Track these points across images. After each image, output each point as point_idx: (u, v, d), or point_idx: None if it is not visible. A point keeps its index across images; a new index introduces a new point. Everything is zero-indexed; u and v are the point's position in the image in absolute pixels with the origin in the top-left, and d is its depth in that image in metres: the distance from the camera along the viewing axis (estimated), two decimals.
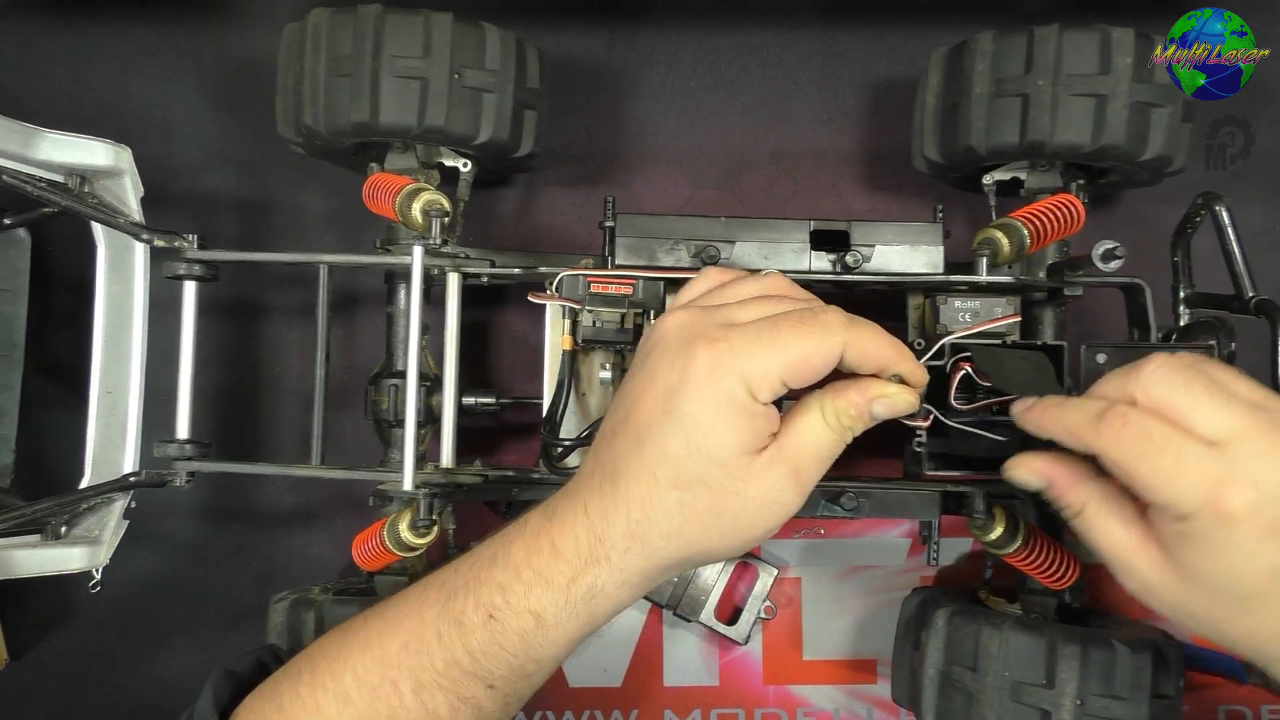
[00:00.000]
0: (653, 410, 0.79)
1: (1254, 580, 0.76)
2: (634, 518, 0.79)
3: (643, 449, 0.79)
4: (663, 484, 0.78)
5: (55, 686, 1.33)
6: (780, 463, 0.80)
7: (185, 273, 1.13)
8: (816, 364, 0.79)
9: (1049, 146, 1.08)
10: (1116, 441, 0.79)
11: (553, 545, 0.80)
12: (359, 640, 0.84)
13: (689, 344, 0.78)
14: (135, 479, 1.16)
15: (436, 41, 1.09)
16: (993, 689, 1.01)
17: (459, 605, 0.81)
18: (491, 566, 0.82)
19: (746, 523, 0.80)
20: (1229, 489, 0.74)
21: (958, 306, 1.06)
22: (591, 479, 0.82)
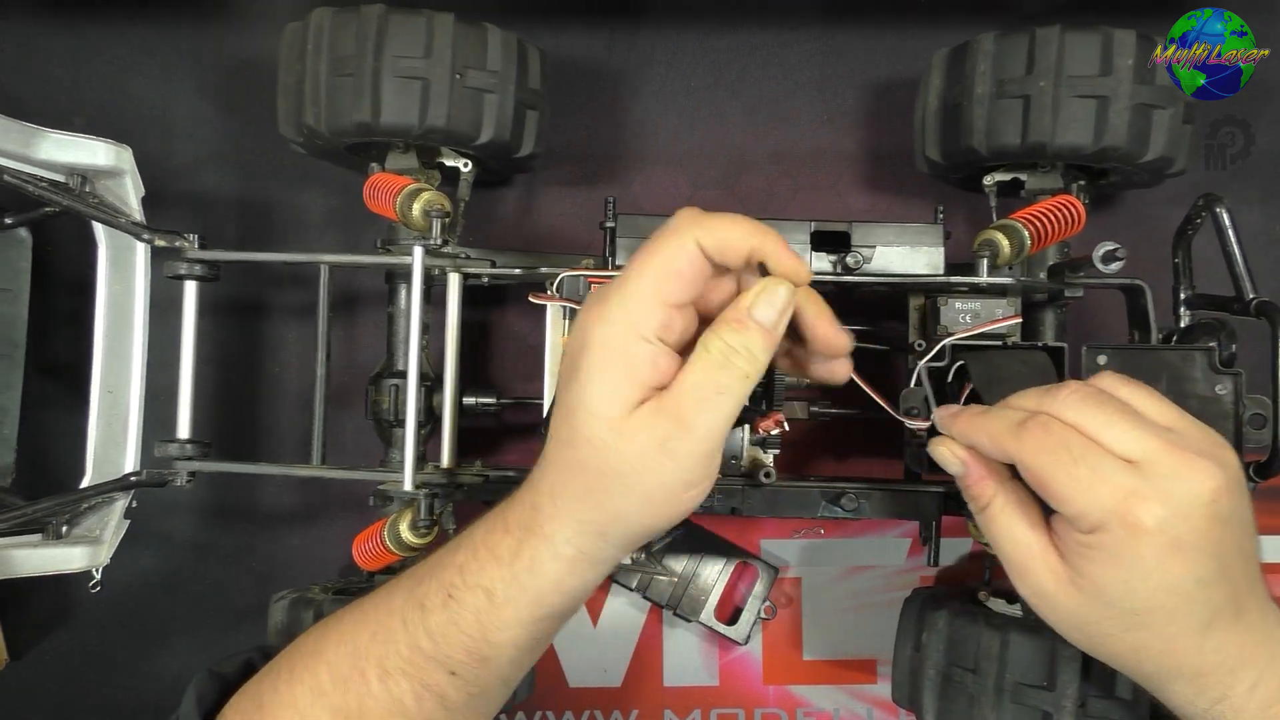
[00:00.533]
0: (567, 374, 0.77)
1: (1151, 595, 0.78)
2: (549, 482, 0.78)
3: (557, 415, 0.78)
4: (563, 444, 0.77)
5: (55, 686, 1.33)
6: (660, 413, 0.74)
7: (186, 272, 1.14)
8: (680, 268, 0.76)
9: (1050, 148, 1.08)
10: (1036, 449, 0.80)
11: (504, 521, 0.80)
12: (334, 634, 0.84)
13: (599, 300, 0.76)
14: (136, 479, 1.16)
15: (438, 42, 1.09)
16: (993, 691, 1.01)
17: (423, 589, 0.81)
18: (455, 550, 0.82)
19: (641, 487, 0.76)
20: (1140, 503, 0.76)
21: (958, 308, 1.06)
22: (543, 456, 0.81)
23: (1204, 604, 0.78)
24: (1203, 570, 0.77)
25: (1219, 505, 0.77)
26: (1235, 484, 0.79)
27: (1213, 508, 0.77)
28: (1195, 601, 0.78)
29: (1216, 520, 0.77)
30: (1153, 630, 0.80)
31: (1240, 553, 0.80)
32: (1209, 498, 0.77)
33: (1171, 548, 0.76)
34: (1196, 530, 0.77)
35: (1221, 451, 0.81)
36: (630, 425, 0.74)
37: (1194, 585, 0.77)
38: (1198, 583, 0.78)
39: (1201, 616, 0.79)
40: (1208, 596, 0.78)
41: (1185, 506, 0.77)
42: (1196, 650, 0.80)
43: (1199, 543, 0.77)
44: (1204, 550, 0.77)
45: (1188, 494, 0.77)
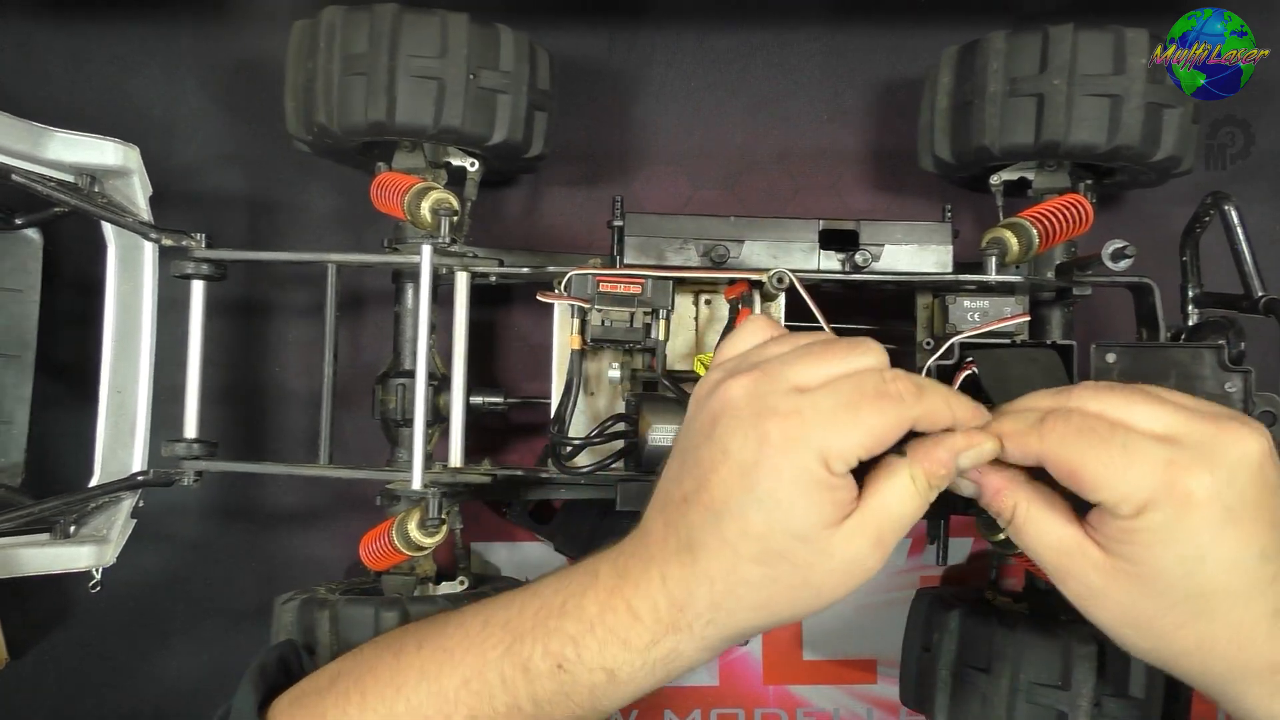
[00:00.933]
0: (729, 486, 0.76)
1: (1213, 575, 0.74)
2: (717, 591, 0.77)
3: (721, 524, 0.76)
4: (745, 560, 0.76)
5: (55, 686, 1.33)
6: (864, 532, 0.77)
7: (193, 272, 1.14)
8: (893, 438, 0.76)
9: (1064, 146, 1.09)
10: (1060, 440, 0.77)
11: (629, 607, 0.79)
12: (414, 668, 0.83)
13: (760, 417, 0.76)
14: (143, 478, 1.16)
15: (453, 42, 1.09)
16: (1007, 691, 1.01)
17: (525, 651, 0.80)
18: (562, 617, 0.80)
19: (830, 591, 0.78)
20: (1184, 472, 0.73)
21: (967, 306, 1.06)
22: (665, 545, 0.79)
23: (1268, 583, 0.74)
24: (1264, 541, 0.74)
25: (1266, 470, 0.74)
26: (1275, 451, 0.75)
27: (1261, 472, 0.74)
28: (1261, 580, 0.74)
29: (1267, 487, 0.74)
30: (1219, 618, 0.75)
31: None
32: (1256, 460, 0.74)
33: (1227, 518, 0.73)
34: (1249, 497, 0.73)
35: (1253, 425, 0.76)
36: (833, 544, 0.76)
37: (1258, 560, 0.74)
38: (1261, 557, 0.74)
39: (1271, 599, 0.74)
40: (1271, 574, 0.74)
41: (1233, 470, 0.73)
42: (1266, 639, 0.75)
43: (1255, 511, 0.73)
44: (1261, 520, 0.74)
45: (1233, 457, 0.74)
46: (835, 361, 0.78)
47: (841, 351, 0.79)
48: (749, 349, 0.85)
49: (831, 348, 0.79)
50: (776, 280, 1.02)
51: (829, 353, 0.78)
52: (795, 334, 0.84)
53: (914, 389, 0.77)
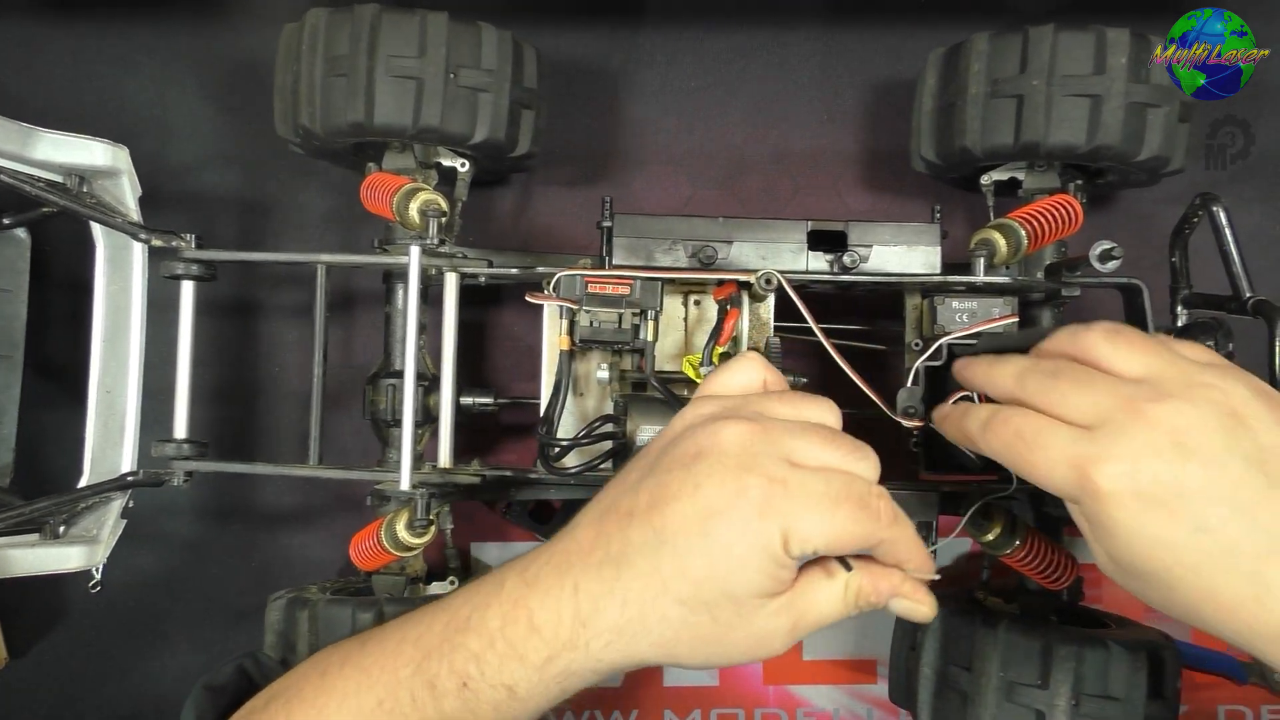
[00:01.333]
0: (685, 520, 0.76)
1: (1152, 556, 0.75)
2: (628, 616, 0.77)
3: (660, 553, 0.76)
4: (670, 597, 0.76)
5: (55, 685, 1.33)
6: (787, 615, 0.78)
7: (183, 272, 1.13)
8: (852, 547, 0.78)
9: (1044, 147, 1.08)
10: (1001, 446, 0.83)
11: (530, 619, 0.78)
12: (336, 690, 0.82)
13: (745, 471, 0.76)
14: (133, 478, 1.16)
15: (432, 41, 1.09)
16: (987, 689, 1.01)
17: (433, 668, 0.79)
18: (465, 631, 0.80)
19: (733, 654, 0.80)
20: (1092, 468, 0.75)
21: (955, 307, 1.06)
22: (589, 555, 0.78)
23: (1228, 551, 0.73)
24: (1200, 516, 0.74)
25: (1191, 442, 0.75)
26: (1218, 420, 0.76)
27: (1181, 448, 0.74)
28: (1212, 550, 0.73)
29: (1194, 458, 0.74)
30: (1189, 590, 0.75)
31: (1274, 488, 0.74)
32: (1168, 441, 0.75)
33: (1143, 503, 0.74)
34: (1167, 477, 0.74)
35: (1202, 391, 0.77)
36: (757, 615, 0.77)
37: (1195, 534, 0.74)
38: (1199, 530, 0.73)
39: (1238, 565, 0.73)
40: (1227, 542, 0.73)
41: (1140, 457, 0.75)
42: (1256, 604, 0.73)
43: (1179, 488, 0.74)
44: (1193, 495, 0.74)
45: (1139, 444, 0.75)
46: (836, 454, 0.79)
47: (846, 447, 0.80)
48: (743, 388, 0.86)
49: (838, 440, 0.80)
50: (764, 281, 1.02)
51: (834, 443, 0.80)
52: (796, 393, 0.85)
53: (892, 514, 0.79)
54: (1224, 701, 1.29)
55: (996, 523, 1.07)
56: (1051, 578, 1.10)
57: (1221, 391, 0.77)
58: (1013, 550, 1.08)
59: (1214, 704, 1.29)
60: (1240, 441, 0.75)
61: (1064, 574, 1.10)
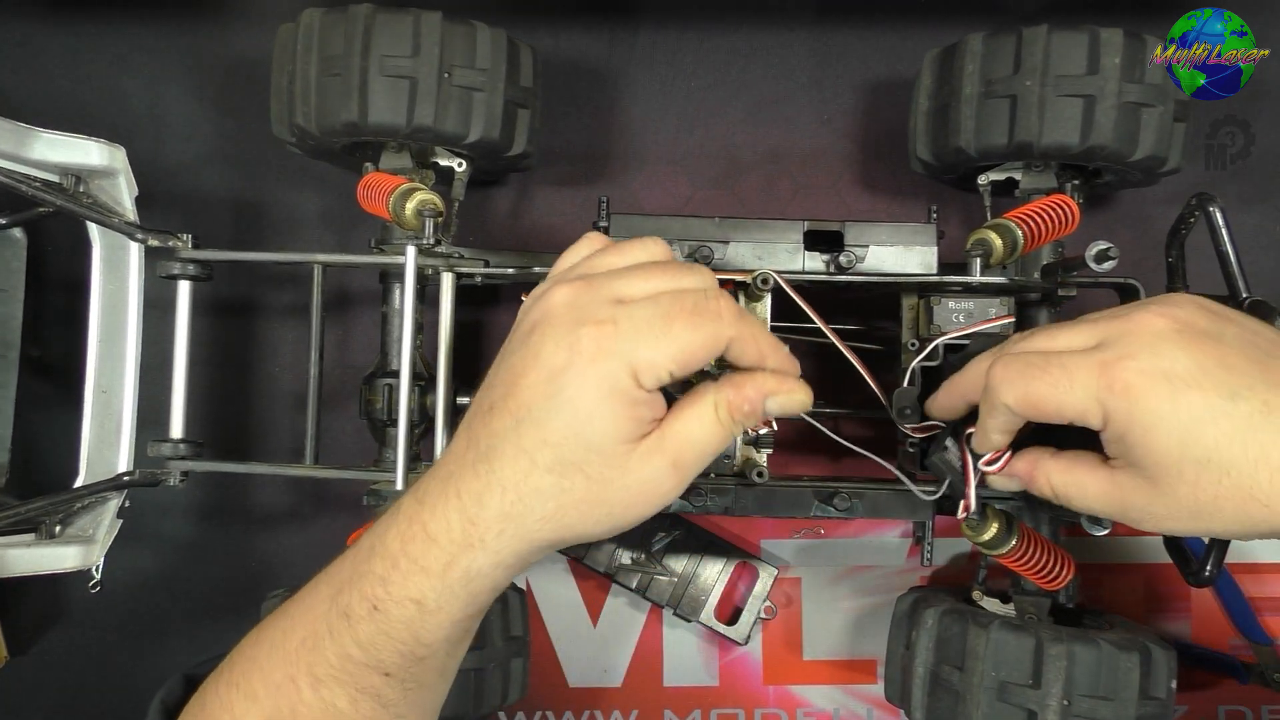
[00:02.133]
0: (534, 390, 0.77)
1: (1196, 439, 0.76)
2: (508, 500, 0.78)
3: (520, 431, 0.77)
4: (540, 468, 0.77)
5: (54, 684, 1.33)
6: (661, 453, 0.79)
7: (179, 272, 1.14)
8: (703, 356, 0.79)
9: (1037, 147, 1.08)
10: (1009, 382, 0.83)
11: (425, 531, 0.79)
12: (266, 640, 0.84)
13: (577, 324, 0.77)
14: (129, 478, 1.16)
15: (426, 40, 1.09)
16: (979, 688, 1.01)
17: (345, 599, 0.81)
18: (370, 558, 0.81)
19: (621, 509, 0.80)
20: (1118, 366, 0.78)
21: (952, 307, 1.06)
22: (464, 458, 0.80)
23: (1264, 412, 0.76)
24: (1227, 385, 0.76)
25: (1191, 326, 0.79)
26: (1200, 309, 0.81)
27: (1185, 333, 0.79)
28: (1250, 415, 0.76)
29: (1200, 338, 0.78)
30: (1242, 464, 0.76)
31: (1271, 357, 0.78)
32: (1170, 327, 0.79)
33: (1176, 385, 0.77)
34: (1185, 358, 0.77)
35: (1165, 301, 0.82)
36: (629, 461, 0.78)
37: (1231, 401, 0.76)
38: (1234, 398, 0.76)
39: (1276, 425, 0.75)
40: (1260, 404, 0.76)
41: (1154, 345, 0.78)
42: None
43: (1200, 364, 0.77)
44: (1213, 368, 0.77)
45: (1147, 334, 0.79)
46: (662, 279, 0.80)
47: (672, 270, 0.81)
48: (582, 259, 0.87)
49: (663, 266, 0.82)
50: (761, 281, 1.02)
51: (658, 270, 0.81)
52: (624, 242, 0.86)
53: (734, 310, 0.80)
54: (1224, 702, 1.29)
55: (992, 523, 1.07)
56: (1047, 578, 1.09)
57: (1185, 299, 0.82)
58: (1009, 550, 1.08)
59: (1214, 704, 1.29)
60: (1225, 327, 0.80)
61: (1060, 574, 1.10)
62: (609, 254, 0.85)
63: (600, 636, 1.32)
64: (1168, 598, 1.30)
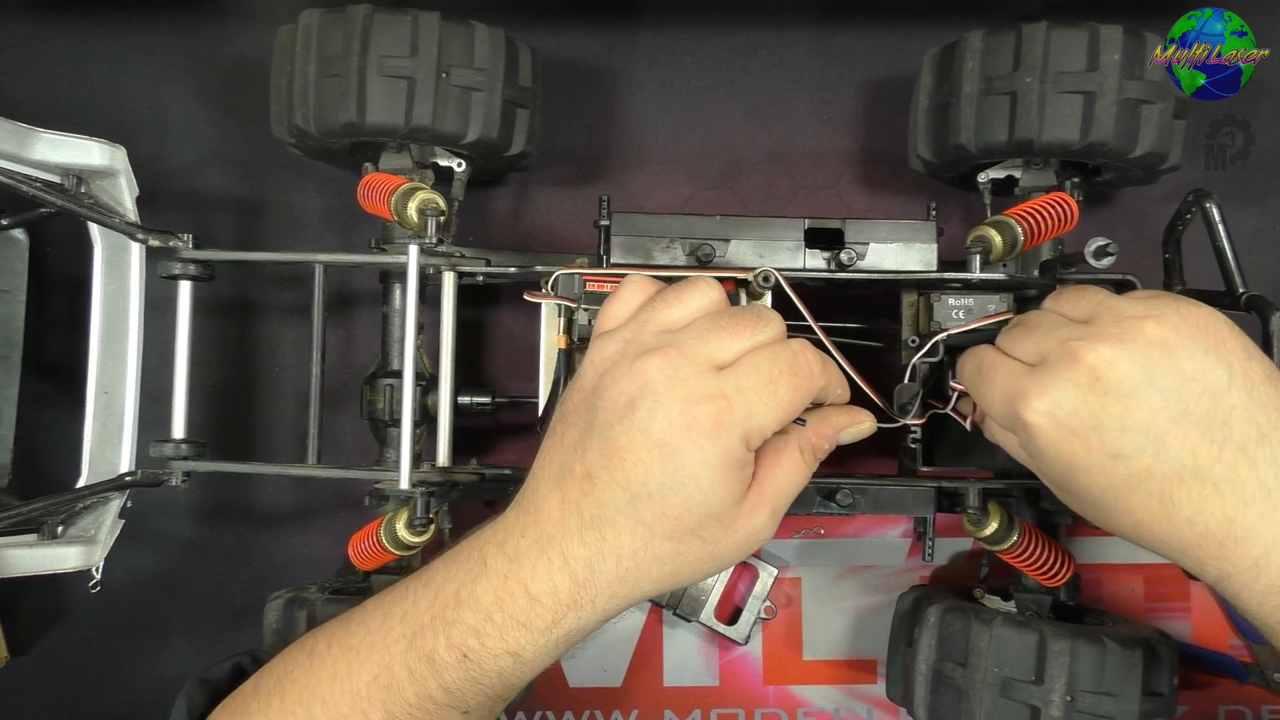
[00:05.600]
0: (648, 468, 0.79)
1: (1075, 478, 0.83)
2: (624, 567, 0.80)
3: (637, 505, 0.79)
4: (659, 537, 0.80)
5: (54, 684, 1.33)
6: (763, 506, 0.83)
7: (180, 272, 1.14)
8: (800, 409, 0.84)
9: (1038, 144, 1.08)
10: (968, 376, 0.95)
11: (526, 591, 0.80)
12: (326, 670, 0.83)
13: (687, 401, 0.79)
14: (131, 479, 1.16)
15: (424, 40, 1.09)
16: (982, 685, 1.02)
17: (428, 643, 0.81)
18: (457, 607, 0.81)
19: (729, 559, 0.83)
20: (1021, 401, 0.83)
21: (951, 304, 1.06)
22: (564, 524, 0.81)
23: (1142, 476, 0.80)
24: (1114, 445, 0.80)
25: (1110, 379, 0.80)
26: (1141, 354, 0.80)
27: (1099, 384, 0.80)
28: (1128, 476, 0.80)
29: (1111, 394, 0.80)
30: (1107, 507, 0.83)
31: (1187, 417, 0.79)
32: (1087, 378, 0.81)
33: (1062, 432, 0.82)
34: (1084, 411, 0.81)
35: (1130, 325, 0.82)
36: (739, 519, 0.82)
37: (1110, 461, 0.80)
38: (1114, 458, 0.80)
39: (1149, 489, 0.80)
40: (1141, 468, 0.80)
41: (1060, 393, 0.81)
42: (1167, 523, 0.81)
43: (1095, 421, 0.80)
44: (1107, 426, 0.80)
45: (1065, 376, 0.81)
46: (746, 334, 0.83)
47: (749, 323, 0.84)
48: (636, 310, 0.88)
49: (739, 320, 0.84)
50: (762, 279, 1.02)
51: (738, 326, 0.83)
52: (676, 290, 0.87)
53: (820, 362, 0.85)
54: (1224, 701, 1.29)
55: (994, 518, 1.07)
56: (1048, 574, 1.10)
57: (1156, 322, 0.82)
58: (1010, 546, 1.08)
59: (1214, 704, 1.29)
60: (1162, 372, 0.80)
61: (1060, 570, 1.10)
62: (669, 307, 0.86)
63: (600, 636, 1.31)
64: (1168, 598, 1.30)
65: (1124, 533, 0.84)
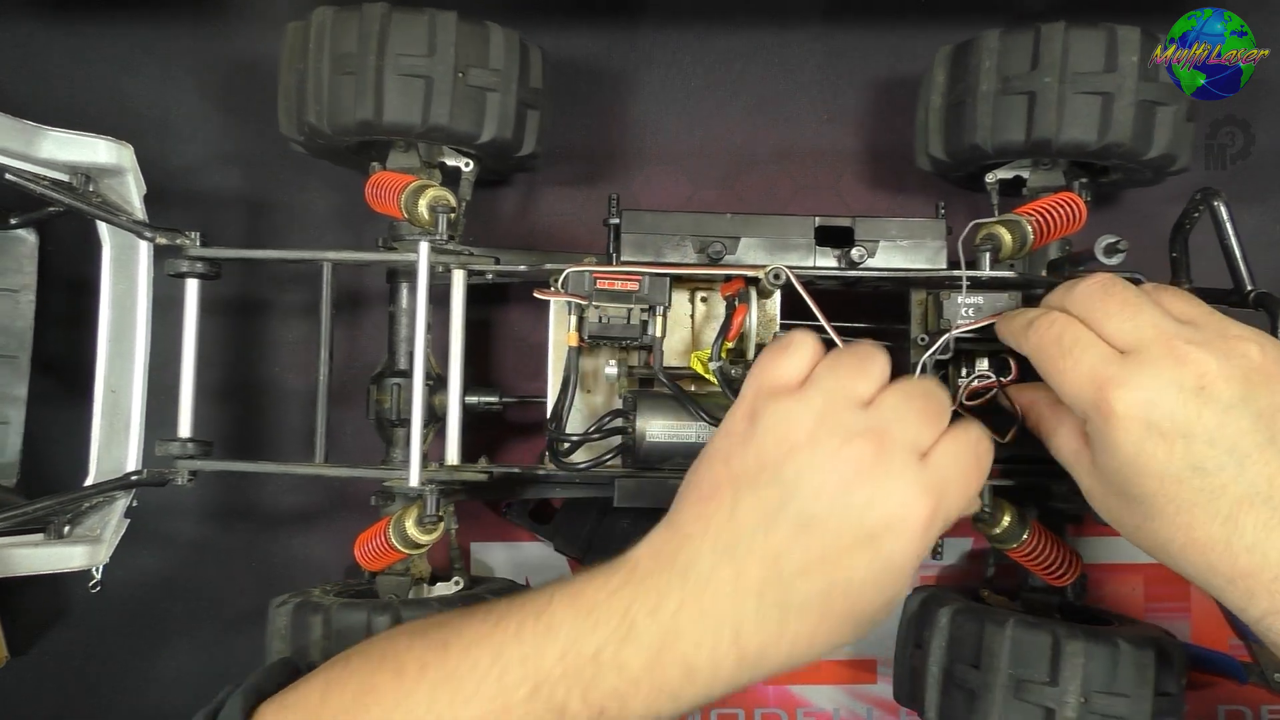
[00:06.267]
0: (854, 560, 0.77)
1: (1141, 481, 0.81)
2: (797, 651, 0.79)
3: (831, 597, 0.78)
4: (841, 629, 0.79)
5: (55, 684, 1.33)
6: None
7: (187, 270, 1.13)
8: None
9: (1055, 144, 1.08)
10: (1037, 343, 0.88)
11: (685, 665, 0.77)
12: (421, 697, 0.79)
13: (908, 500, 0.78)
14: (137, 478, 1.15)
15: (441, 40, 1.09)
16: (996, 686, 1.01)
17: (559, 697, 0.77)
18: (597, 666, 0.77)
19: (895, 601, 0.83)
20: (1113, 389, 0.80)
21: (960, 302, 1.06)
22: (740, 603, 0.77)
23: (1214, 493, 0.79)
24: (1198, 457, 0.79)
25: (1213, 389, 0.79)
26: (1243, 374, 0.80)
27: (1202, 393, 0.79)
28: (1201, 490, 0.79)
29: (1210, 405, 0.79)
30: (1166, 521, 0.81)
31: (1273, 444, 0.79)
32: (1193, 384, 0.79)
33: (1149, 432, 0.79)
34: (1180, 416, 0.79)
35: (1236, 344, 0.82)
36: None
37: (1189, 472, 0.79)
38: (1194, 470, 0.79)
39: (1218, 507, 0.79)
40: (1216, 485, 0.79)
41: (1160, 391, 0.79)
42: (1224, 546, 0.79)
43: (1188, 429, 0.79)
44: (1197, 437, 0.79)
45: (1164, 379, 0.80)
46: (937, 420, 0.83)
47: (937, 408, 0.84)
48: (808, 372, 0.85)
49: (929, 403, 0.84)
50: (773, 277, 1.02)
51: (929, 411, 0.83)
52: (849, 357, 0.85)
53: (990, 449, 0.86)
54: (1224, 701, 1.29)
55: (1005, 516, 1.07)
56: (1056, 573, 1.10)
57: (1259, 347, 0.81)
58: (1020, 544, 1.08)
59: (1214, 704, 1.29)
60: (1258, 396, 0.80)
61: (1068, 570, 1.10)
62: (855, 378, 0.83)
63: None
64: (1168, 598, 1.30)
65: (1168, 550, 0.82)
